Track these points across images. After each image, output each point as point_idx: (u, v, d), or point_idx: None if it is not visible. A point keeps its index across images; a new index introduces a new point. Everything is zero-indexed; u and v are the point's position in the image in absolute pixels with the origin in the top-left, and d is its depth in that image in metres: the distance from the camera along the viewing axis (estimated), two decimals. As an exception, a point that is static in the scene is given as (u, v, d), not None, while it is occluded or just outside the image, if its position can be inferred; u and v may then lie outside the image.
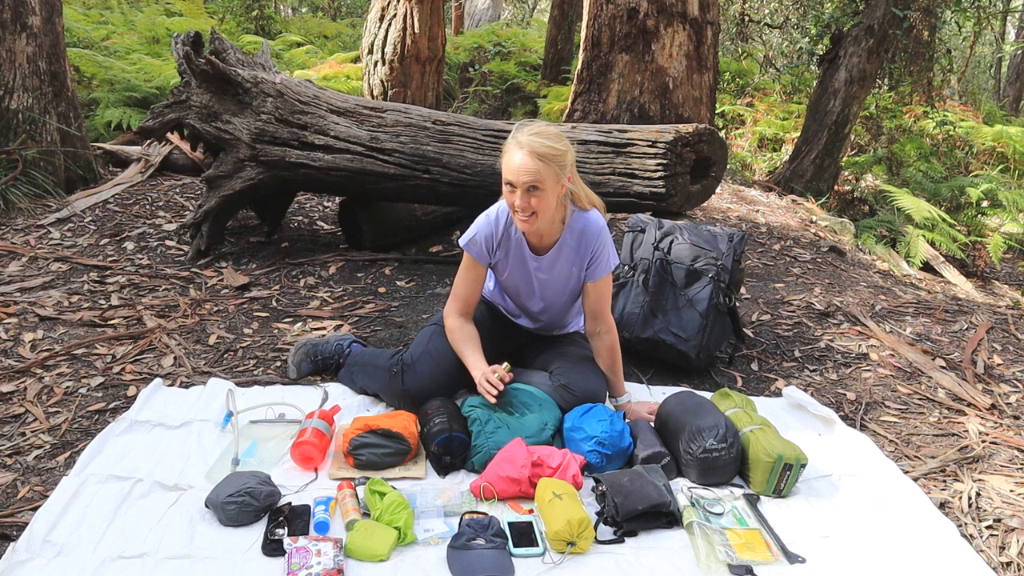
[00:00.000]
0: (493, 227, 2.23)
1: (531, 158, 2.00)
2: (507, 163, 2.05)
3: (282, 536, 1.71)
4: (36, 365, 2.50)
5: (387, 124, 3.42)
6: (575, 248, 2.24)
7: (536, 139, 2.01)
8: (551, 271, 2.28)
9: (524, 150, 2.00)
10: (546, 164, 2.01)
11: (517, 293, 2.39)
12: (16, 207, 3.91)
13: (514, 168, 2.02)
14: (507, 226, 2.24)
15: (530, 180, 2.01)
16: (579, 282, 2.31)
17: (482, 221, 2.24)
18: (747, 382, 2.81)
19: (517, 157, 2.01)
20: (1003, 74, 14.64)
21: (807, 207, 6.07)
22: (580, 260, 2.25)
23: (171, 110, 3.53)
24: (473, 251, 2.23)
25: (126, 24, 8.14)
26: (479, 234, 2.23)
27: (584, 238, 2.22)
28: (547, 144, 2.01)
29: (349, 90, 7.10)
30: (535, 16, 17.60)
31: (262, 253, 3.73)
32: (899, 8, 6.26)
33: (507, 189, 2.07)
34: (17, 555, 1.62)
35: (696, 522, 1.83)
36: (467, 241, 2.24)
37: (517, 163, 2.01)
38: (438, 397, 2.22)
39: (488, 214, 2.25)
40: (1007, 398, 2.75)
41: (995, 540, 1.96)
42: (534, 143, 2.00)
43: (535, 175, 2.01)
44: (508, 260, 2.29)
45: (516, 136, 2.05)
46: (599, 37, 5.83)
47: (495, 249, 2.26)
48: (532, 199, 2.03)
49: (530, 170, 2.00)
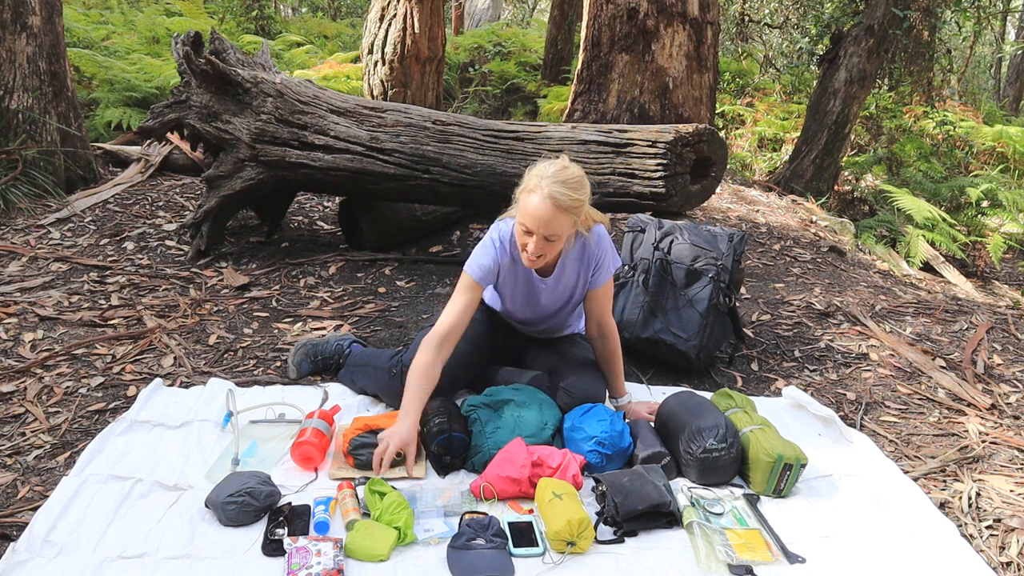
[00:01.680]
0: (499, 254, 2.18)
1: (554, 210, 1.96)
2: (527, 207, 1.99)
3: (282, 536, 1.71)
4: (36, 365, 2.50)
5: (387, 124, 3.42)
6: (578, 260, 2.24)
7: (561, 190, 1.95)
8: (556, 287, 2.28)
9: (548, 201, 1.95)
10: (566, 215, 1.99)
11: (519, 307, 2.38)
12: (16, 207, 3.91)
13: (535, 217, 1.97)
14: (511, 249, 2.20)
15: (548, 232, 1.99)
16: (583, 291, 2.31)
17: (487, 247, 2.18)
18: (747, 382, 2.81)
19: (540, 207, 1.96)
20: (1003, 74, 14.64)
21: (807, 207, 6.07)
22: (584, 271, 2.26)
23: (171, 110, 3.53)
24: (479, 274, 2.15)
25: (126, 24, 8.14)
26: (486, 257, 2.17)
27: (587, 249, 2.22)
28: (571, 196, 1.97)
29: (349, 90, 7.10)
30: (535, 16, 17.60)
31: (262, 253, 3.73)
32: (899, 8, 6.26)
33: (521, 230, 2.03)
34: (17, 555, 1.62)
35: (696, 522, 1.83)
36: (473, 266, 2.16)
37: (539, 214, 1.96)
38: (437, 397, 2.22)
39: (492, 239, 2.19)
40: (1007, 398, 2.75)
41: (995, 540, 1.96)
42: (558, 195, 1.95)
43: (554, 227, 1.98)
44: (511, 279, 2.27)
45: (541, 180, 1.97)
46: (599, 37, 5.83)
47: (497, 275, 2.23)
48: (546, 246, 2.02)
49: (550, 222, 1.97)
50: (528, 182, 2.02)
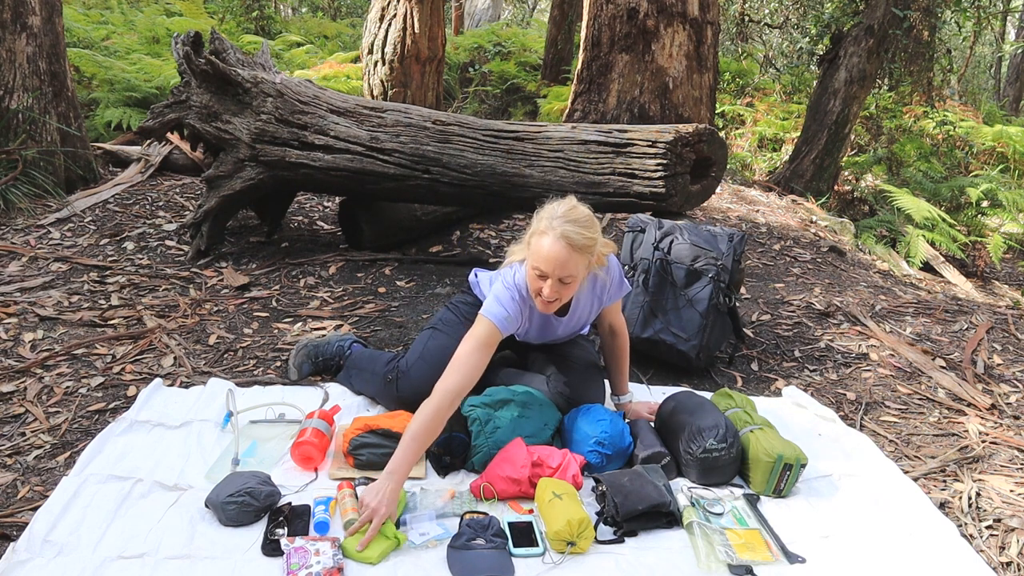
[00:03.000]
0: (521, 304, 2.09)
1: (568, 250, 1.91)
2: (539, 249, 1.93)
3: (282, 536, 1.71)
4: (36, 365, 2.50)
5: (387, 124, 3.42)
6: (591, 292, 2.22)
7: (573, 229, 1.90)
8: (570, 322, 2.28)
9: (563, 241, 1.90)
10: (580, 255, 1.94)
11: (532, 338, 2.36)
12: (16, 207, 3.91)
13: (549, 259, 1.92)
14: (529, 298, 2.10)
15: (564, 273, 1.94)
16: (595, 315, 2.33)
17: (508, 297, 2.06)
18: (747, 382, 2.81)
19: (554, 248, 1.90)
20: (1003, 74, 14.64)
21: (807, 207, 6.07)
22: (597, 299, 2.26)
23: (171, 110, 3.53)
24: (504, 325, 2.03)
25: (126, 24, 8.14)
26: (511, 309, 2.04)
27: (598, 281, 2.21)
28: (585, 235, 1.92)
29: (349, 90, 7.10)
30: (535, 16, 17.60)
31: (262, 253, 3.73)
32: (899, 8, 6.26)
33: (535, 274, 1.97)
34: (17, 555, 1.62)
35: (696, 522, 1.83)
36: (501, 318, 2.02)
37: (554, 255, 1.91)
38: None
39: (510, 289, 2.08)
40: (1007, 398, 2.75)
41: (995, 540, 1.96)
42: (571, 234, 1.90)
43: (570, 268, 1.93)
44: (529, 323, 2.23)
45: (553, 222, 1.92)
46: (599, 37, 5.83)
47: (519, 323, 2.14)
48: (561, 289, 1.97)
49: (565, 263, 1.92)
50: (538, 225, 1.97)
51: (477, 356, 1.98)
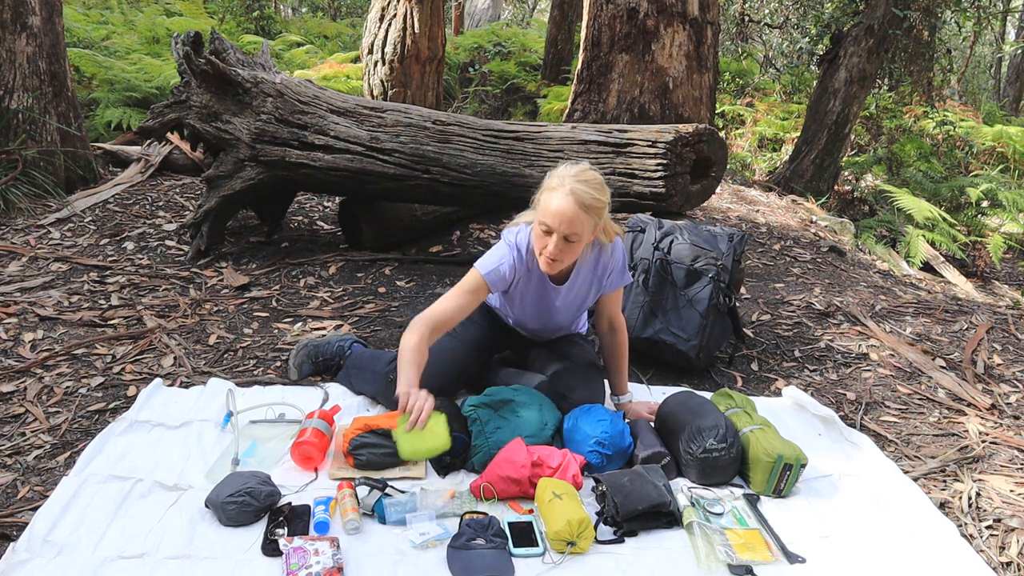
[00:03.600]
0: (518, 261, 2.12)
1: (577, 208, 1.92)
2: (548, 205, 1.95)
3: (281, 536, 1.71)
4: (36, 365, 2.50)
5: (387, 124, 3.42)
6: (592, 269, 2.23)
7: (584, 189, 1.93)
8: (568, 295, 2.27)
9: (571, 198, 1.92)
10: (588, 215, 1.95)
11: (528, 315, 2.36)
12: (16, 207, 3.91)
13: (557, 214, 1.93)
14: (528, 259, 2.15)
15: (570, 231, 1.95)
16: (594, 298, 2.32)
17: (504, 252, 2.12)
18: (747, 382, 2.81)
19: (563, 204, 1.92)
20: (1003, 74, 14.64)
21: (807, 207, 6.07)
22: (598, 280, 2.25)
23: (171, 110, 3.53)
24: (493, 279, 2.09)
25: (126, 24, 8.14)
26: (503, 265, 2.10)
27: (601, 258, 2.21)
28: (594, 196, 1.94)
29: (349, 90, 7.10)
30: (535, 16, 17.60)
31: (262, 253, 3.73)
32: (899, 8, 6.26)
33: (541, 230, 1.98)
34: (17, 555, 1.62)
35: (696, 522, 1.83)
36: (489, 269, 2.08)
37: (561, 210, 1.93)
38: (437, 398, 2.21)
39: (510, 246, 2.13)
40: (1007, 398, 2.75)
41: (995, 540, 1.96)
42: (582, 193, 1.92)
43: (576, 226, 1.95)
44: (524, 286, 2.24)
45: (564, 180, 1.95)
46: (599, 37, 5.83)
47: (516, 280, 2.18)
48: (565, 248, 1.98)
49: (572, 220, 1.93)
50: (549, 182, 1.99)
51: (456, 299, 2.05)
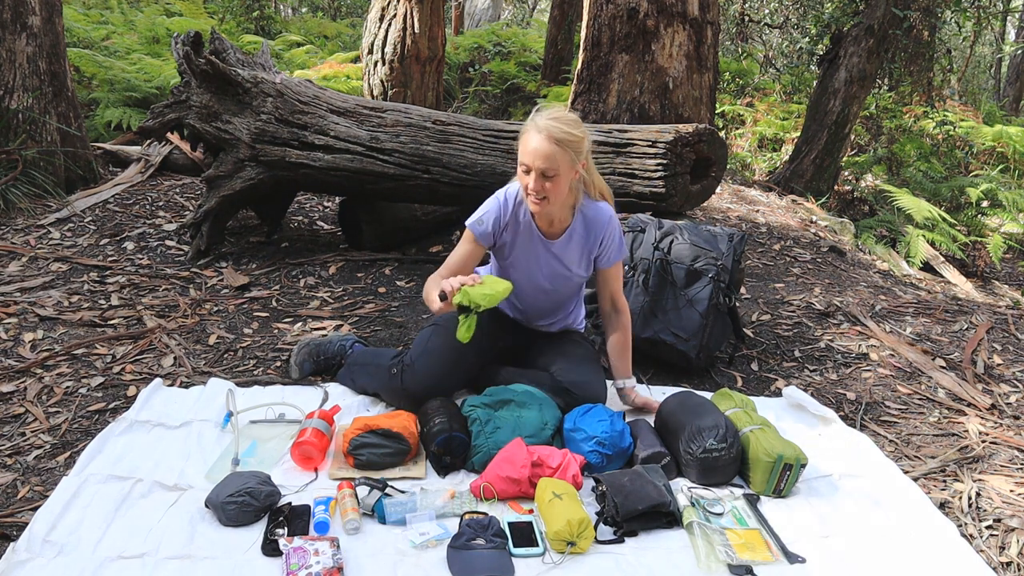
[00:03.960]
0: (502, 209, 2.23)
1: (548, 143, 2.01)
2: (524, 145, 2.07)
3: (281, 536, 1.71)
4: (36, 365, 2.50)
5: (387, 124, 3.42)
6: (584, 236, 2.27)
7: (554, 124, 2.02)
8: (562, 257, 2.30)
9: (542, 134, 2.02)
10: (563, 150, 2.03)
11: (523, 277, 2.35)
12: (16, 207, 3.91)
13: (531, 151, 2.04)
14: (516, 208, 2.24)
15: (545, 165, 2.03)
16: (587, 270, 2.35)
17: (491, 203, 2.25)
18: (747, 382, 2.81)
19: (535, 140, 2.03)
20: (1003, 74, 14.64)
21: (807, 207, 6.07)
22: (589, 248, 2.29)
23: (171, 110, 3.53)
24: (477, 230, 2.23)
25: (126, 24, 8.14)
26: (487, 215, 2.23)
27: (594, 226, 2.26)
28: (565, 130, 2.03)
29: (349, 90, 7.10)
30: (535, 16, 17.59)
31: (262, 253, 3.73)
32: (899, 8, 6.26)
33: (522, 170, 2.09)
34: (17, 555, 1.62)
35: (696, 522, 1.83)
36: (474, 220, 2.23)
37: (534, 146, 2.03)
38: (438, 397, 2.22)
39: (497, 196, 2.26)
40: (1007, 398, 2.75)
41: (995, 540, 1.96)
42: (552, 128, 2.01)
43: (551, 160, 2.03)
44: (515, 243, 2.29)
45: (535, 119, 2.06)
46: (599, 37, 5.83)
47: (502, 231, 2.26)
48: (546, 183, 2.06)
49: (546, 155, 2.02)
50: (524, 127, 2.09)
51: (456, 253, 2.25)
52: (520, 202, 2.23)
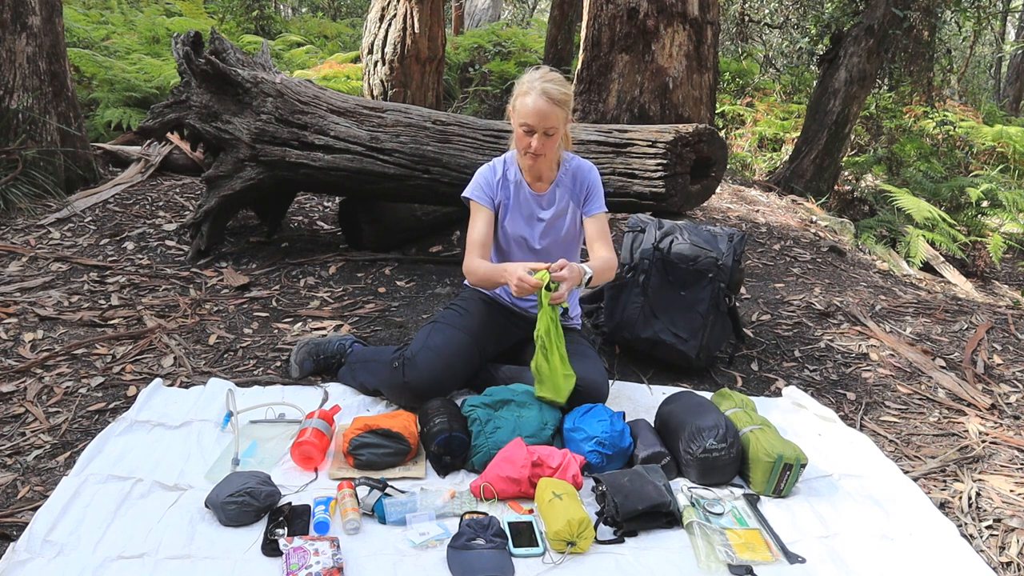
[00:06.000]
0: (492, 172, 2.41)
1: (550, 104, 2.17)
2: (525, 107, 2.19)
3: (281, 536, 1.71)
4: (36, 365, 2.50)
5: (387, 124, 3.42)
6: (570, 186, 2.44)
7: (552, 86, 2.19)
8: (552, 209, 2.43)
9: (544, 97, 2.17)
10: (561, 108, 2.20)
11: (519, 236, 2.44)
12: (16, 207, 3.91)
13: (534, 112, 2.18)
14: (505, 170, 2.41)
15: (548, 124, 2.19)
16: (576, 219, 2.46)
17: (482, 169, 2.42)
18: (747, 382, 2.81)
19: (539, 102, 2.17)
20: (1003, 74, 14.64)
21: (807, 207, 6.07)
22: (576, 196, 2.44)
23: (171, 110, 3.53)
24: (477, 194, 2.37)
25: (126, 24, 8.14)
26: (481, 177, 2.40)
27: (578, 175, 2.43)
28: (561, 90, 2.20)
29: (349, 90, 7.10)
30: (535, 16, 17.60)
31: (262, 253, 3.73)
32: (899, 8, 6.26)
33: (523, 131, 2.23)
34: (17, 555, 1.62)
35: (696, 522, 1.83)
36: (472, 187, 2.39)
37: (537, 108, 2.17)
38: (438, 397, 2.22)
39: (486, 164, 2.44)
40: (1007, 398, 2.75)
41: (995, 540, 1.96)
42: (551, 89, 2.18)
43: (552, 119, 2.19)
44: (508, 204, 2.42)
45: (532, 82, 2.20)
46: (599, 37, 5.83)
47: (497, 190, 2.40)
48: (546, 142, 2.22)
49: (548, 114, 2.18)
50: (519, 89, 2.24)
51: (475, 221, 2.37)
52: (508, 165, 2.41)
